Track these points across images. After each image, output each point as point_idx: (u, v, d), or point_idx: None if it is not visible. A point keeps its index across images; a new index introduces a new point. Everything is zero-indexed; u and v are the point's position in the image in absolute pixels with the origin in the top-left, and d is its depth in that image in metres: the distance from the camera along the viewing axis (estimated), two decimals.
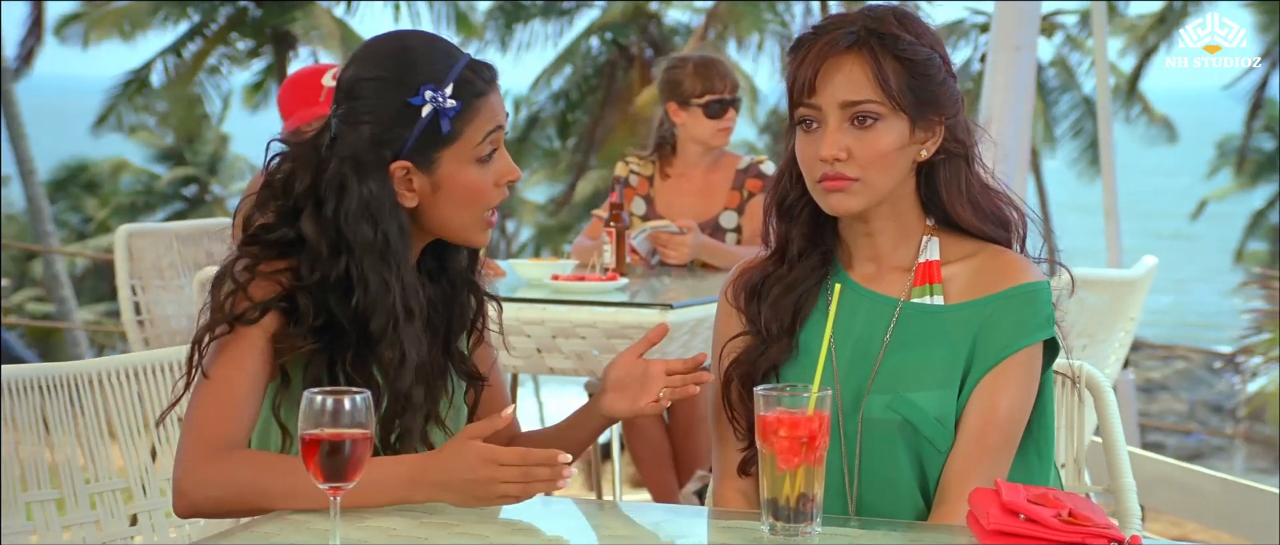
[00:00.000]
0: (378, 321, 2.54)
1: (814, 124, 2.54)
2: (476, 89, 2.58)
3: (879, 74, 2.50)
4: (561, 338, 4.59)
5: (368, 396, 2.22)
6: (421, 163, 2.57)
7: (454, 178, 2.58)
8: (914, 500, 2.55)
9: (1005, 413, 2.52)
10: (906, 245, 2.60)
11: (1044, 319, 2.55)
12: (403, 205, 2.58)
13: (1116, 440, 2.87)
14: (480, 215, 2.61)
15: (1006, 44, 6.96)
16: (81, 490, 2.97)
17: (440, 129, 2.55)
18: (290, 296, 2.53)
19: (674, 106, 5.54)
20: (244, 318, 2.51)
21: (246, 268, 2.55)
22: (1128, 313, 5.10)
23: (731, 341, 2.64)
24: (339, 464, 2.21)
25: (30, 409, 2.90)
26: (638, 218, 5.56)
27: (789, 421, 2.26)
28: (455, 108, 2.56)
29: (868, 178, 2.52)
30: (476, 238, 2.64)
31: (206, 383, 2.51)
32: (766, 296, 2.62)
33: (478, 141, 2.58)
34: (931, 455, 2.53)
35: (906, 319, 2.57)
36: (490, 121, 2.59)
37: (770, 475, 2.28)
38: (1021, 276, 2.55)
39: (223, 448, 2.46)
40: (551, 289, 4.81)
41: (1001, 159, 6.74)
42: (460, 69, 2.58)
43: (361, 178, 2.55)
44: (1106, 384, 2.94)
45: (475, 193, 2.59)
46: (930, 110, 2.53)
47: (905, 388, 2.53)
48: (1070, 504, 2.21)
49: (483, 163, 2.59)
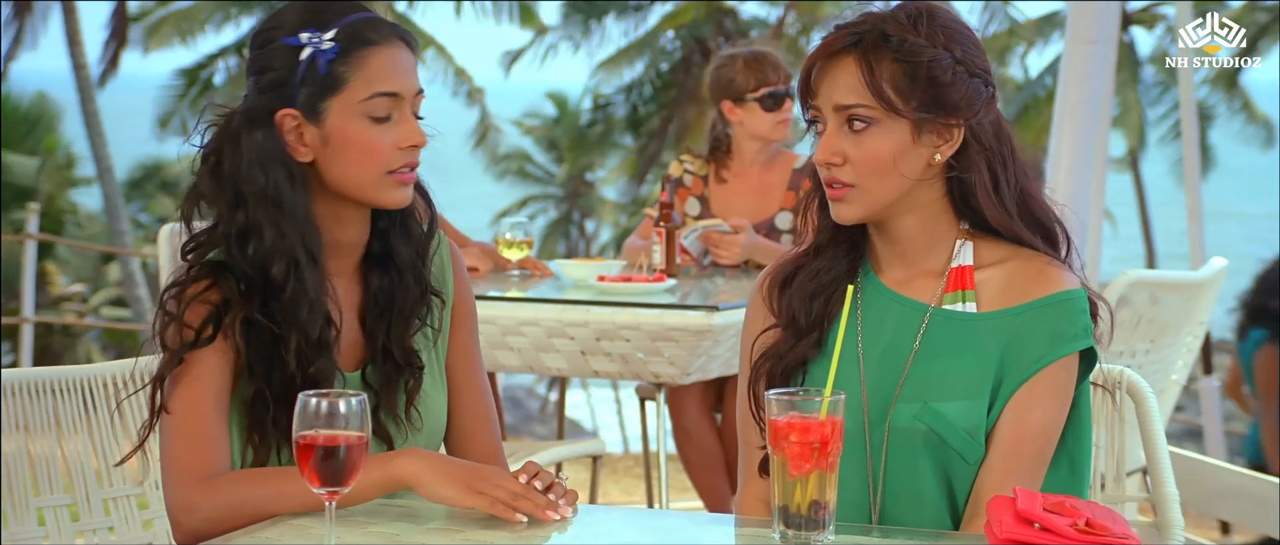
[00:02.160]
0: (278, 267, 2.56)
1: (818, 124, 2.53)
2: (365, 38, 2.58)
3: (870, 78, 2.47)
4: (605, 340, 4.58)
5: (364, 398, 2.24)
6: (309, 113, 2.58)
7: (343, 131, 2.58)
8: (940, 513, 2.52)
9: (1038, 427, 2.49)
10: (938, 249, 2.57)
11: (1080, 329, 2.51)
12: (297, 158, 2.59)
13: (1158, 449, 2.83)
14: (378, 173, 2.59)
15: (1081, 37, 6.83)
16: (95, 495, 2.98)
17: (319, 72, 2.56)
18: (223, 302, 2.57)
19: (728, 104, 5.49)
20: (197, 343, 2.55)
21: (174, 296, 2.58)
22: (1196, 316, 5.02)
23: (761, 335, 2.62)
24: (334, 468, 2.22)
25: (44, 412, 2.92)
26: (691, 218, 5.53)
27: (800, 426, 2.25)
28: (333, 49, 2.56)
29: (864, 184, 2.50)
30: (384, 198, 2.62)
31: (170, 417, 2.55)
32: (795, 288, 2.60)
33: (364, 95, 2.57)
34: (959, 467, 2.50)
35: (936, 325, 2.54)
36: (381, 78, 2.58)
37: (781, 481, 2.27)
38: (1056, 284, 2.52)
39: (206, 476, 2.50)
40: (596, 290, 4.80)
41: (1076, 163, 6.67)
42: (352, 20, 2.59)
43: (251, 128, 2.58)
44: (1149, 391, 2.89)
45: (367, 149, 2.58)
46: (939, 112, 2.49)
47: (933, 397, 2.50)
48: (1088, 513, 2.18)
49: (377, 122, 2.58)
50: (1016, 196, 2.55)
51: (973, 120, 2.51)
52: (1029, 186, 2.56)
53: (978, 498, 2.48)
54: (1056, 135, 6.73)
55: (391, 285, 2.69)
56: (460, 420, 2.78)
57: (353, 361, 2.68)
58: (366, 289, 2.69)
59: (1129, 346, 4.74)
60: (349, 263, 2.68)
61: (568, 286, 4.92)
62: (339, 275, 2.66)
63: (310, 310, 2.57)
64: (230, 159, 2.58)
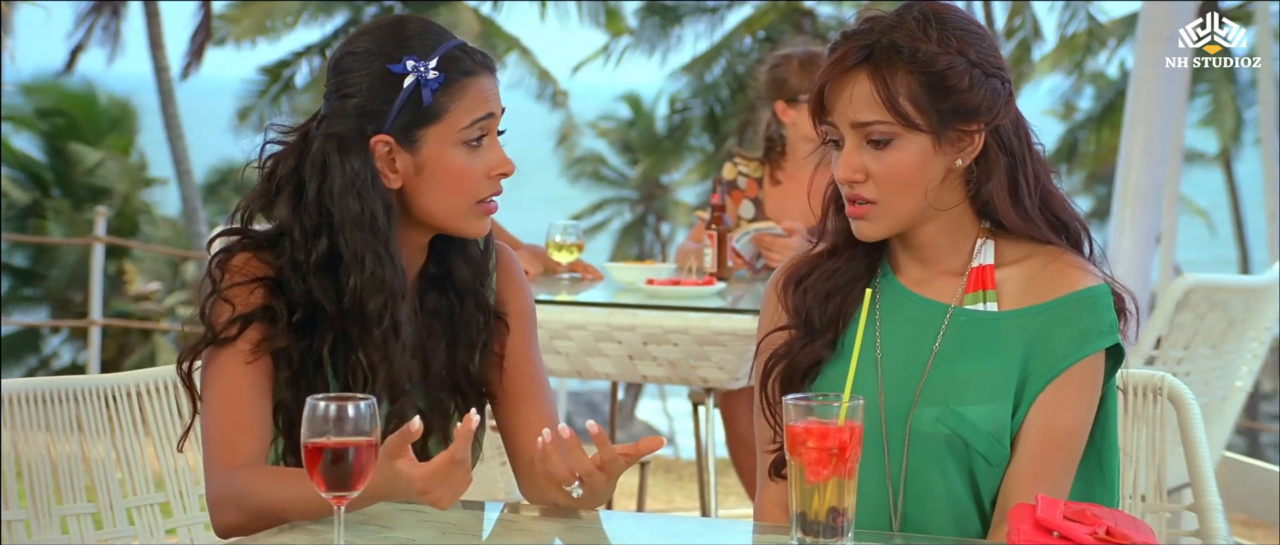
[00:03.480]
0: (375, 300, 2.56)
1: (834, 141, 2.50)
2: (464, 67, 2.59)
3: (886, 94, 2.43)
4: (653, 344, 4.57)
5: (372, 402, 2.23)
6: (405, 141, 2.58)
7: (438, 160, 2.58)
8: (967, 517, 2.50)
9: (1066, 429, 2.46)
10: (959, 249, 2.54)
11: (1105, 325, 2.48)
12: (387, 186, 2.58)
13: (1201, 457, 2.80)
14: (468, 203, 2.60)
15: (1154, 35, 6.77)
16: (118, 503, 2.99)
17: (422, 101, 2.56)
18: (268, 305, 2.56)
19: (782, 105, 5.47)
20: (225, 336, 2.55)
21: (220, 265, 2.58)
22: (1260, 321, 4.96)
23: (772, 334, 2.60)
24: (343, 472, 2.21)
25: (67, 420, 2.93)
26: (746, 221, 5.52)
27: (818, 432, 2.22)
28: (439, 78, 2.57)
29: (887, 201, 2.47)
30: (469, 227, 2.62)
31: (208, 404, 2.56)
32: (810, 287, 2.58)
33: (464, 124, 2.58)
34: (985, 471, 2.48)
35: (957, 326, 2.51)
36: (479, 106, 2.59)
37: (799, 488, 2.24)
38: (1079, 281, 2.49)
39: (236, 466, 2.51)
40: (644, 293, 4.79)
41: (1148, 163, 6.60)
42: (449, 47, 2.59)
43: (344, 154, 2.56)
44: (1190, 397, 2.86)
45: (461, 178, 2.59)
46: (959, 120, 2.46)
47: (956, 400, 2.47)
48: (1109, 521, 2.16)
49: (470, 148, 2.59)
50: (1037, 194, 2.52)
51: (993, 123, 2.49)
52: (1048, 183, 2.53)
53: (1005, 503, 2.46)
54: (1128, 135, 6.68)
55: (451, 309, 2.68)
56: (520, 431, 2.73)
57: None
58: (423, 311, 2.68)
59: (1189, 352, 4.69)
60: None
61: (617, 290, 4.91)
62: None
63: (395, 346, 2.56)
64: (315, 182, 2.57)
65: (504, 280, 2.77)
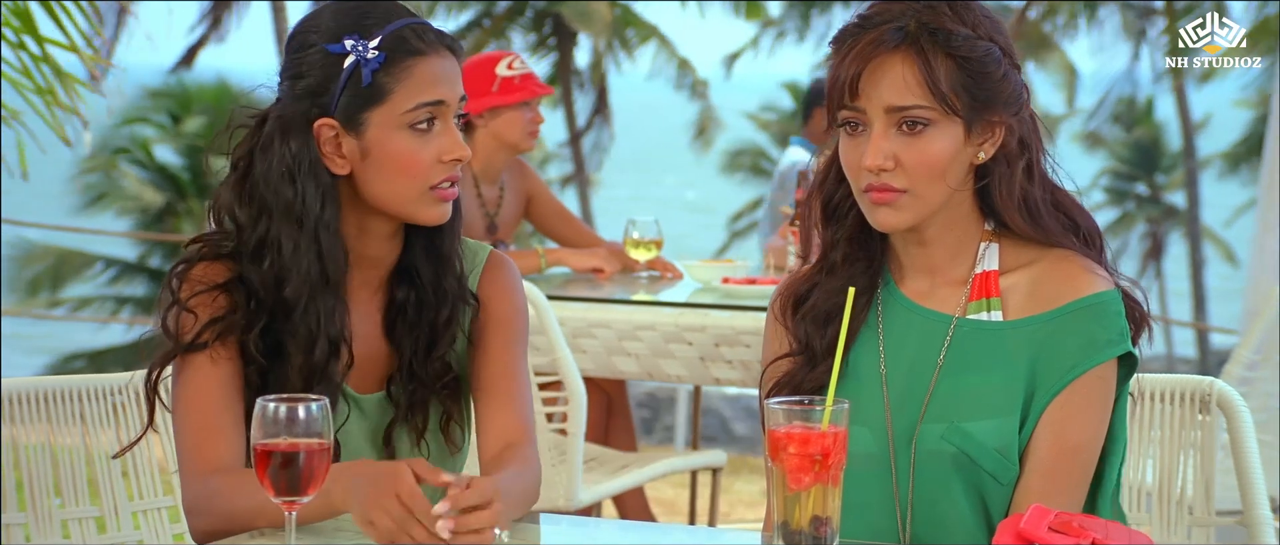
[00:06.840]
0: (291, 287, 2.55)
1: (858, 126, 2.44)
2: (411, 47, 2.56)
3: (929, 76, 2.39)
4: (724, 345, 4.53)
5: (325, 404, 2.22)
6: (349, 124, 2.57)
7: (382, 144, 2.56)
8: (977, 537, 2.44)
9: (1077, 443, 2.41)
10: (963, 255, 2.49)
11: (1116, 333, 2.42)
12: (332, 171, 2.57)
13: (1252, 467, 2.73)
14: (418, 189, 2.58)
15: None
16: (123, 507, 3.01)
17: (362, 81, 2.54)
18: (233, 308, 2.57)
19: None
20: (194, 345, 2.55)
21: (180, 276, 2.59)
22: None
23: (776, 362, 2.56)
24: (293, 476, 2.21)
25: (71, 418, 2.96)
26: None
27: (800, 437, 2.18)
28: (378, 58, 2.54)
29: (917, 189, 2.42)
30: (422, 214, 2.60)
31: (178, 411, 2.57)
32: (808, 311, 2.53)
33: (407, 107, 2.55)
34: (994, 489, 2.42)
35: (962, 338, 2.46)
36: (426, 89, 2.56)
37: (780, 495, 2.21)
38: (1087, 287, 2.43)
39: (211, 471, 2.52)
40: (719, 293, 4.76)
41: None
42: (397, 26, 2.57)
43: (285, 137, 2.56)
44: (1241, 404, 2.78)
45: (408, 164, 2.56)
46: (988, 111, 2.42)
47: (961, 416, 2.42)
48: (1098, 532, 2.10)
49: (417, 133, 2.56)
50: (1048, 193, 2.47)
51: (1014, 117, 2.44)
52: (1056, 183, 2.49)
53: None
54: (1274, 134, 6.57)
55: (421, 302, 2.67)
56: (484, 431, 2.71)
57: (377, 378, 2.68)
58: (391, 303, 2.68)
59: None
60: (376, 276, 2.68)
61: (693, 289, 4.88)
62: (364, 287, 2.66)
63: (317, 335, 2.56)
64: (260, 166, 2.58)
65: (489, 281, 2.73)
